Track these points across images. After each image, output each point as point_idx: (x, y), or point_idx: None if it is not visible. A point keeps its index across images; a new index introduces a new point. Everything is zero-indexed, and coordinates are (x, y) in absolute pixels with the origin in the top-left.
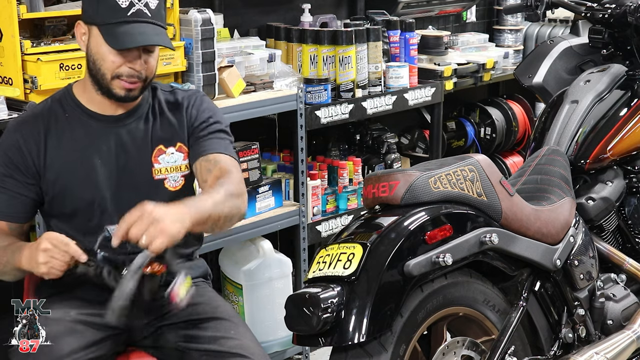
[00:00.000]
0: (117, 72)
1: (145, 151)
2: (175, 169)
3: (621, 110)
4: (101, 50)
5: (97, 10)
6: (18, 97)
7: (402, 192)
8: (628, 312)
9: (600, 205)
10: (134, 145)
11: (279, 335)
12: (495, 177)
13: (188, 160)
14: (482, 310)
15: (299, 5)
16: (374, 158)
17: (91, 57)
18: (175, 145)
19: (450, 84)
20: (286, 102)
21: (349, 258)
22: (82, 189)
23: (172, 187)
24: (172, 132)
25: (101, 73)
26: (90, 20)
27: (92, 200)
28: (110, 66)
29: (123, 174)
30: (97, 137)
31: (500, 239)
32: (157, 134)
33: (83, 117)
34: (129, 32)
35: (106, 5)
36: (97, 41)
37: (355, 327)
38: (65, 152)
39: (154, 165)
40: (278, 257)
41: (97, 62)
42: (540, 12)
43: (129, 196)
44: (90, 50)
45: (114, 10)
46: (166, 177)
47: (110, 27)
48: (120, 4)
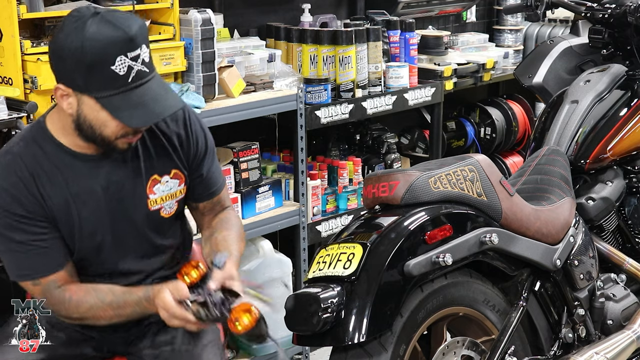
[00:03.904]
0: (122, 134)
1: (140, 184)
2: (171, 197)
3: (621, 110)
4: (101, 117)
5: (89, 81)
6: (18, 97)
7: (402, 192)
8: (628, 312)
9: (600, 205)
10: (128, 179)
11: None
12: (495, 177)
13: (184, 184)
14: (482, 310)
15: (299, 5)
16: (374, 158)
17: (85, 122)
18: (170, 173)
19: (450, 84)
20: (286, 102)
21: (349, 258)
22: (81, 236)
23: (166, 214)
24: (166, 159)
25: (102, 137)
26: (79, 89)
27: (92, 245)
28: (114, 131)
29: (119, 210)
30: (88, 179)
31: (500, 239)
32: (149, 164)
33: (67, 159)
34: (141, 103)
35: (101, 76)
36: (93, 108)
37: (355, 327)
38: (57, 199)
39: (149, 197)
40: (278, 257)
41: (96, 128)
42: (540, 12)
43: (125, 230)
44: (83, 116)
45: (111, 80)
46: (162, 206)
47: (112, 99)
48: (118, 72)
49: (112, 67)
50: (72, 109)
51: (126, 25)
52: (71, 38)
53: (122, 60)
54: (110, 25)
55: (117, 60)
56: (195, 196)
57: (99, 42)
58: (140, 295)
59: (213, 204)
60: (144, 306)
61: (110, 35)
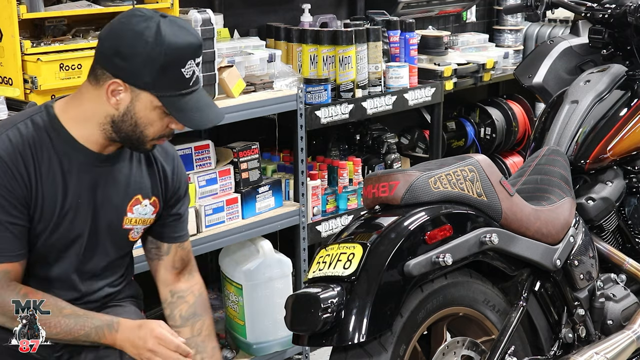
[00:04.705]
0: (160, 135)
1: (124, 199)
2: (143, 222)
3: (621, 110)
4: (151, 116)
5: (160, 79)
6: (18, 97)
7: (402, 192)
8: (628, 312)
9: (600, 205)
10: (115, 190)
11: (279, 335)
12: (495, 177)
13: (156, 215)
14: (482, 310)
15: (299, 5)
16: (374, 158)
17: (132, 118)
18: (150, 198)
19: (450, 84)
20: (286, 102)
21: (349, 258)
22: (53, 232)
23: (133, 237)
24: (152, 184)
25: (143, 135)
26: (142, 86)
27: (60, 245)
28: (157, 131)
29: (99, 217)
30: (86, 175)
31: (500, 239)
32: (137, 182)
33: (72, 152)
34: (198, 108)
35: (172, 77)
36: (146, 106)
37: (355, 327)
38: (48, 190)
39: (127, 214)
40: (278, 257)
41: (141, 126)
42: (540, 12)
43: (96, 238)
44: (132, 112)
45: (179, 81)
46: (133, 227)
47: (174, 100)
48: (185, 74)
49: (182, 69)
50: (121, 104)
51: (195, 31)
52: (145, 37)
53: (191, 64)
54: (184, 29)
55: (188, 64)
56: (167, 236)
57: (177, 44)
58: (103, 320)
59: (185, 252)
60: (102, 333)
61: (186, 40)
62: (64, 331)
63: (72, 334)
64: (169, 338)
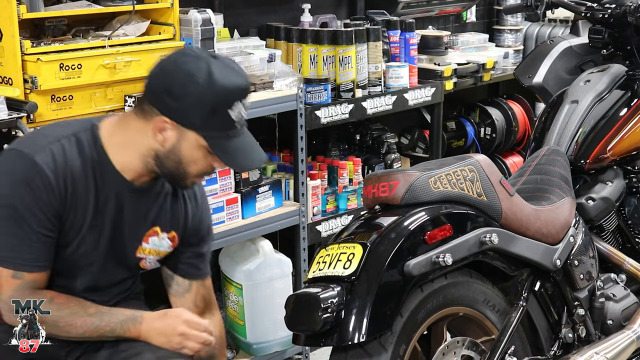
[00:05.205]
0: (202, 172)
1: (142, 227)
2: (157, 253)
3: (621, 110)
4: (195, 154)
5: (208, 120)
6: (18, 97)
7: (402, 192)
8: (628, 312)
9: (600, 205)
10: (135, 218)
11: (279, 335)
12: (495, 177)
13: (173, 249)
14: (482, 310)
15: (299, 5)
16: (374, 158)
17: (176, 155)
18: (169, 232)
19: (450, 84)
20: (286, 102)
21: (349, 258)
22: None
23: (144, 266)
24: (173, 218)
25: (185, 172)
26: (190, 125)
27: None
28: (200, 169)
29: (116, 242)
30: (113, 203)
31: (500, 239)
32: (159, 214)
33: (107, 177)
34: (242, 150)
35: (220, 118)
36: (192, 145)
37: (355, 327)
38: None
39: (141, 244)
40: (278, 257)
41: (185, 164)
42: (540, 12)
43: (109, 262)
44: (177, 150)
45: (226, 122)
46: (145, 257)
47: (220, 141)
48: (232, 116)
49: (229, 111)
50: (167, 142)
51: (244, 73)
52: (196, 78)
53: (238, 106)
54: (234, 71)
55: (235, 106)
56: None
57: (226, 86)
58: (126, 315)
59: (206, 291)
60: (126, 328)
61: (236, 82)
62: (91, 329)
63: (98, 332)
64: (197, 320)
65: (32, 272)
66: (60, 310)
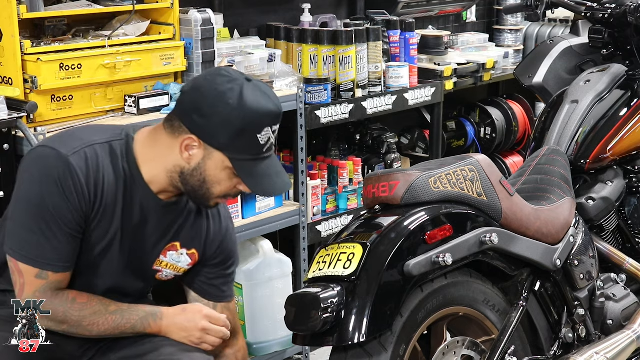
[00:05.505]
0: (226, 194)
1: (162, 241)
2: (175, 268)
3: (621, 110)
4: (220, 175)
5: (235, 142)
6: (18, 97)
7: (402, 192)
8: (628, 312)
9: (600, 205)
10: (158, 229)
11: (279, 335)
12: (495, 177)
13: (192, 267)
14: (482, 310)
15: (299, 5)
16: (374, 158)
17: (201, 175)
18: (190, 249)
19: (450, 84)
20: (286, 102)
21: (349, 258)
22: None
23: (160, 278)
24: (194, 236)
25: (209, 192)
26: (216, 145)
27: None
28: (224, 190)
29: (136, 252)
30: (138, 215)
31: (500, 239)
32: (181, 230)
33: (135, 188)
34: (267, 174)
35: (246, 141)
36: (217, 165)
37: (355, 327)
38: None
39: (159, 257)
40: (278, 257)
41: (209, 183)
42: (540, 12)
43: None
44: (202, 169)
45: (253, 146)
46: (162, 270)
47: (245, 164)
48: (260, 140)
49: (257, 135)
50: (193, 160)
51: (277, 99)
52: (226, 99)
53: (267, 131)
54: (266, 96)
55: (264, 131)
56: (213, 295)
57: (257, 110)
58: (146, 311)
59: (231, 314)
60: (147, 324)
61: (267, 107)
62: (112, 327)
63: (120, 329)
64: (217, 315)
65: (56, 273)
66: (83, 310)
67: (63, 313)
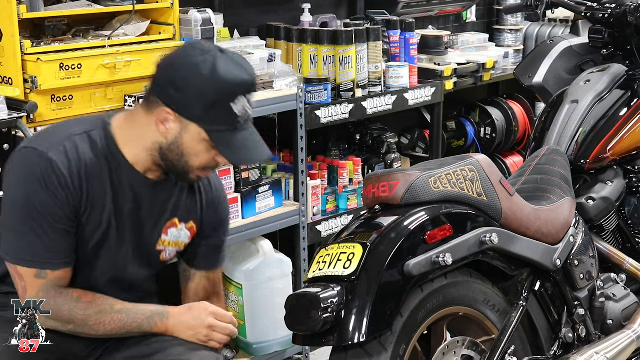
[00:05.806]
0: (205, 166)
1: (161, 220)
2: (176, 244)
3: (621, 110)
4: (197, 148)
5: (209, 113)
6: (18, 97)
7: (402, 192)
8: (628, 312)
9: (600, 205)
10: (154, 211)
11: (279, 335)
12: (495, 177)
13: (191, 240)
14: (482, 310)
15: (299, 5)
16: (374, 158)
17: (179, 148)
18: (188, 222)
19: (450, 84)
20: (286, 102)
21: (349, 258)
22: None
23: (164, 258)
24: (191, 209)
25: (187, 165)
26: (192, 117)
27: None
28: (203, 162)
29: (134, 236)
30: (130, 197)
31: (500, 239)
32: (177, 206)
33: (122, 172)
34: (245, 146)
35: (221, 111)
36: (194, 138)
37: (355, 327)
38: (98, 204)
39: (161, 236)
40: (278, 257)
41: (187, 156)
42: (540, 12)
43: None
44: (179, 143)
45: (228, 117)
46: (165, 249)
47: (221, 135)
48: (235, 110)
49: (232, 104)
50: (170, 134)
51: (250, 68)
52: (199, 70)
53: (242, 100)
54: (239, 66)
55: (238, 100)
56: (195, 263)
57: (229, 80)
58: (153, 310)
59: (209, 283)
60: (153, 323)
61: (240, 76)
62: (118, 326)
63: (126, 328)
64: (223, 312)
65: (55, 270)
66: (88, 309)
67: (68, 312)
